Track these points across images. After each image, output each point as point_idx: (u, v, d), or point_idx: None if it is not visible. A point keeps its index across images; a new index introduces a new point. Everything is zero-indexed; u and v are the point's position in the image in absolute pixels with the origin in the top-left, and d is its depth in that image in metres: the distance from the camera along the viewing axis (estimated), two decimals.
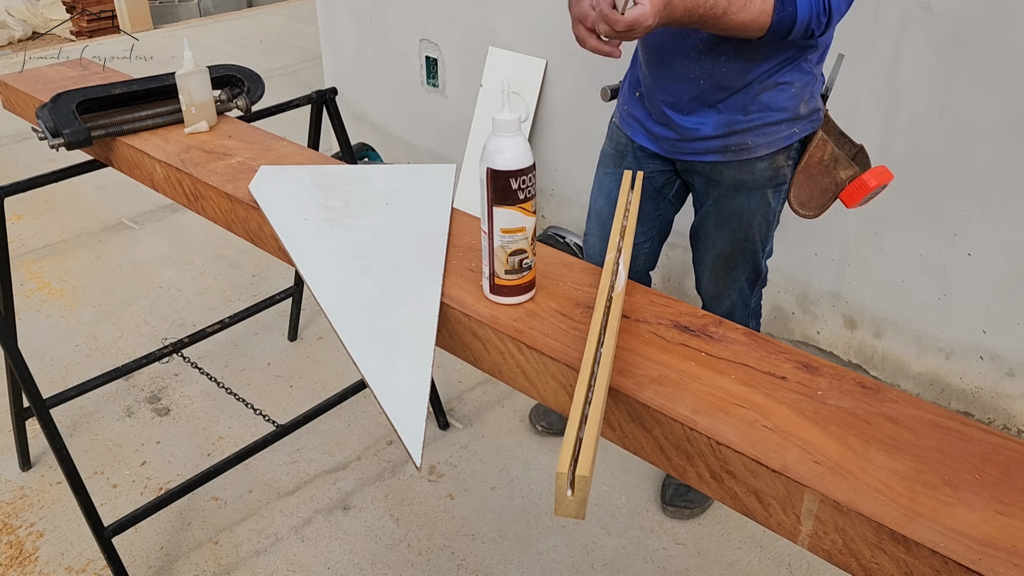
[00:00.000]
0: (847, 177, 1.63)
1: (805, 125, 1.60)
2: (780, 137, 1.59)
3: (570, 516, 0.79)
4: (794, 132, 1.59)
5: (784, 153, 1.62)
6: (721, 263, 1.80)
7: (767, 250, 1.81)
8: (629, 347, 1.02)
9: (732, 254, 1.77)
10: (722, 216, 1.72)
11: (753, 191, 1.66)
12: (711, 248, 1.79)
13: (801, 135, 1.61)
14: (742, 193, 1.67)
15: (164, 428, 2.42)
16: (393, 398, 1.00)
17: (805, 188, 1.66)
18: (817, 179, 1.65)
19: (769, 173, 1.63)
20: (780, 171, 1.63)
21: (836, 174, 1.63)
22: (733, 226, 1.72)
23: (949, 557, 0.74)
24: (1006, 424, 2.31)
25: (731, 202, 1.69)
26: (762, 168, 1.62)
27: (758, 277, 1.84)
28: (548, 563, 1.98)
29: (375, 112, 3.92)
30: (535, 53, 3.05)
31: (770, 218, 1.72)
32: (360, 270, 1.21)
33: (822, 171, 1.63)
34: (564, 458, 0.78)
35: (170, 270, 3.22)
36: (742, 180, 1.65)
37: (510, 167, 1.02)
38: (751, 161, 1.61)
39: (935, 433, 0.88)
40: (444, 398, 2.51)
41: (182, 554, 2.02)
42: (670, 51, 1.56)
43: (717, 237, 1.77)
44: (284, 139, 1.71)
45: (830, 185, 1.65)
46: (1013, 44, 1.96)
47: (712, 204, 1.72)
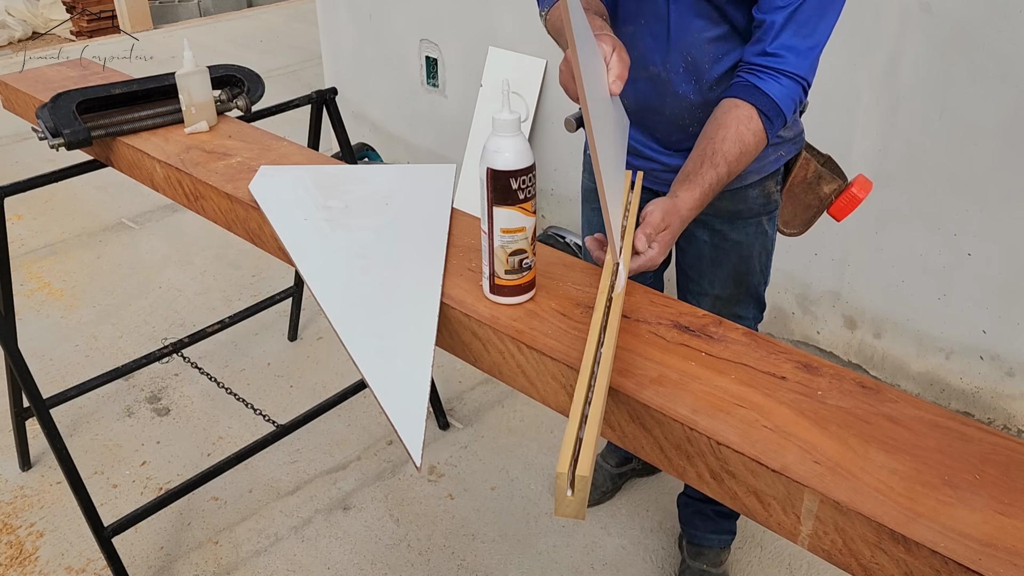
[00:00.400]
0: (831, 191, 1.59)
1: (790, 147, 1.54)
2: (768, 162, 1.51)
3: (570, 516, 0.79)
4: (780, 156, 1.54)
5: (772, 178, 1.55)
6: (722, 303, 1.65)
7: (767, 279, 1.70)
8: (629, 347, 1.02)
9: (735, 292, 1.64)
10: (720, 252, 1.60)
11: (749, 220, 1.57)
12: (709, 289, 1.65)
13: (787, 157, 1.55)
14: (738, 224, 1.57)
15: (164, 428, 2.42)
16: (393, 398, 1.00)
17: (788, 207, 1.62)
18: (800, 197, 1.60)
19: (762, 200, 1.55)
20: (771, 197, 1.57)
21: (819, 190, 1.59)
22: (733, 260, 1.61)
23: (949, 557, 0.74)
24: (1006, 424, 2.31)
25: (728, 235, 1.58)
26: (754, 196, 1.54)
27: (761, 312, 1.72)
28: (548, 563, 1.98)
29: (375, 112, 3.92)
30: (535, 53, 3.05)
31: (768, 247, 1.63)
32: (360, 270, 1.21)
33: (805, 188, 1.60)
34: (564, 458, 0.78)
35: (170, 270, 3.22)
36: (736, 210, 1.55)
37: (510, 167, 1.02)
38: (742, 190, 1.53)
39: (935, 433, 0.88)
40: (444, 398, 2.51)
41: (182, 554, 2.02)
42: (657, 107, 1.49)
43: (716, 276, 1.63)
44: (284, 139, 1.71)
45: (813, 201, 1.60)
46: (1013, 44, 1.96)
47: (706, 242, 1.60)
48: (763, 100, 1.26)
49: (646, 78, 1.44)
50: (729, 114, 1.27)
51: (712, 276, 1.64)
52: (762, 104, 1.26)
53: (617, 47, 1.15)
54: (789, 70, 1.26)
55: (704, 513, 1.89)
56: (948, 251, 2.24)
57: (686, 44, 1.36)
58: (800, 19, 1.24)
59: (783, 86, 1.27)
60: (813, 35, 1.26)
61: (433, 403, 2.39)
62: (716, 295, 1.65)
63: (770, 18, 1.25)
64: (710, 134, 1.27)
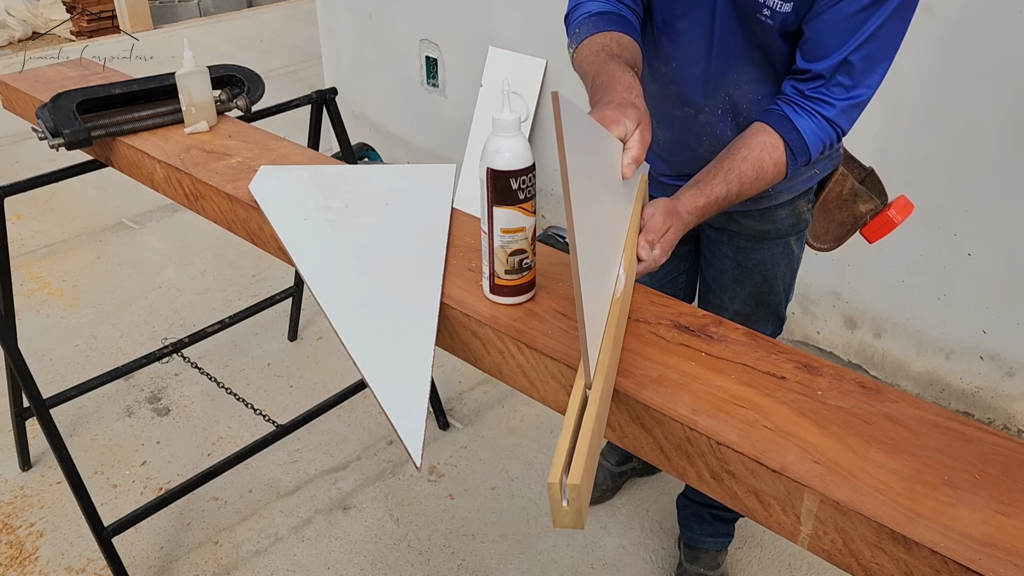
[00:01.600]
0: (867, 211, 1.54)
1: (825, 165, 1.49)
2: (800, 181, 1.47)
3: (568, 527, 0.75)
4: (815, 174, 1.48)
5: (804, 197, 1.50)
6: (741, 319, 1.61)
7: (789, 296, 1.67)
8: (629, 347, 1.02)
9: (755, 310, 1.62)
10: (743, 270, 1.57)
11: (776, 240, 1.53)
12: (730, 304, 1.62)
13: (822, 175, 1.50)
14: (764, 244, 1.53)
15: (164, 428, 2.42)
16: (393, 398, 1.00)
17: (821, 222, 1.57)
18: (834, 212, 1.55)
19: (791, 220, 1.51)
20: (802, 216, 1.52)
21: (855, 208, 1.54)
22: (756, 280, 1.57)
23: (949, 557, 0.74)
24: (1006, 424, 2.31)
25: (753, 254, 1.55)
26: (783, 216, 1.50)
27: (781, 327, 1.69)
28: (548, 563, 1.98)
29: (375, 112, 3.92)
30: (535, 53, 3.05)
31: (794, 266, 1.59)
32: (360, 270, 1.21)
33: (840, 205, 1.54)
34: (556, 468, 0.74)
35: (170, 270, 3.22)
36: (764, 231, 1.51)
37: (510, 167, 1.02)
38: (771, 210, 1.49)
39: (935, 433, 0.88)
40: (444, 398, 2.51)
41: (182, 554, 2.02)
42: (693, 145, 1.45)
43: (737, 292, 1.60)
44: (284, 139, 1.71)
45: (848, 218, 1.55)
46: (1013, 44, 1.96)
47: (730, 258, 1.57)
48: (793, 135, 1.23)
49: (683, 117, 1.40)
50: (756, 137, 1.24)
51: (733, 292, 1.61)
52: (791, 138, 1.23)
53: (642, 123, 1.07)
54: (827, 115, 1.23)
55: (701, 516, 1.89)
56: (948, 251, 2.24)
57: (726, 84, 1.33)
58: (846, 70, 1.19)
59: (816, 126, 1.23)
60: (857, 88, 1.21)
61: (433, 403, 2.39)
62: (736, 311, 1.62)
63: (816, 68, 1.21)
64: (732, 151, 1.24)
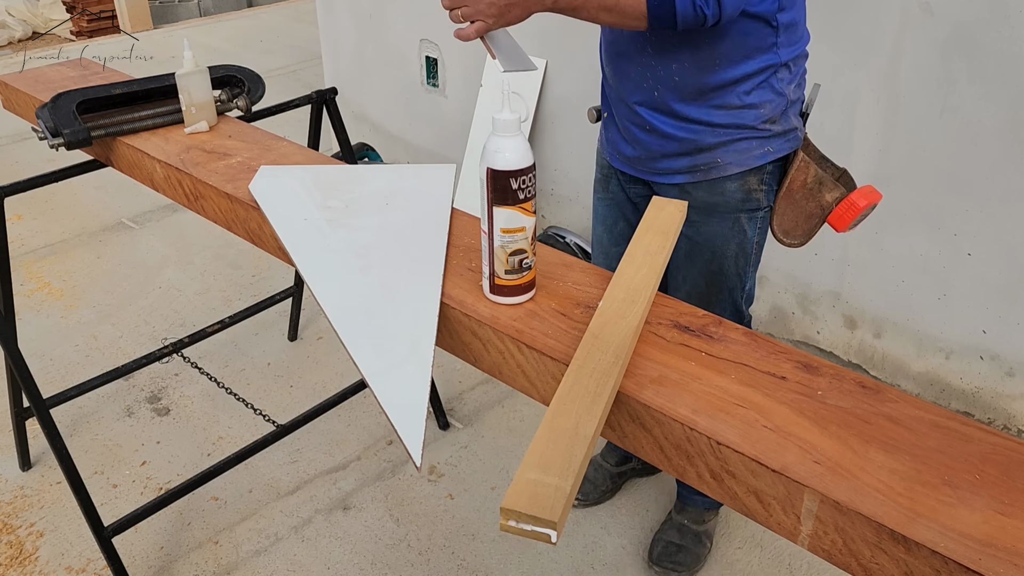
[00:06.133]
0: (833, 199, 1.54)
1: (781, 144, 1.51)
2: (752, 155, 1.49)
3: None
4: (768, 151, 1.50)
5: (756, 174, 1.52)
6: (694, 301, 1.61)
7: (747, 291, 1.68)
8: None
9: (707, 291, 1.63)
10: (694, 246, 1.60)
11: (725, 215, 1.55)
12: (682, 284, 1.65)
13: (777, 155, 1.51)
14: (714, 218, 1.56)
15: (164, 428, 2.42)
16: (393, 398, 1.00)
17: (789, 215, 1.57)
18: (801, 204, 1.55)
19: (741, 195, 1.53)
20: (752, 194, 1.54)
21: (821, 197, 1.54)
22: (706, 257, 1.60)
23: (949, 557, 0.74)
24: (1006, 424, 2.31)
25: (703, 228, 1.57)
26: (732, 189, 1.52)
27: (741, 322, 1.68)
28: (548, 563, 1.98)
29: (375, 112, 3.92)
30: (535, 53, 3.05)
31: (747, 249, 1.60)
32: (360, 270, 1.21)
33: (806, 195, 1.54)
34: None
35: (170, 270, 3.22)
36: (713, 203, 1.54)
37: (510, 167, 1.02)
38: (720, 181, 1.51)
39: (935, 433, 0.88)
40: (444, 398, 2.51)
41: (182, 554, 2.02)
42: (623, 56, 1.50)
43: (689, 271, 1.63)
44: (284, 139, 1.71)
45: (815, 209, 1.55)
46: (1013, 44, 1.96)
47: (684, 234, 1.57)
48: None
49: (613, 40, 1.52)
50: None
51: (686, 271, 1.63)
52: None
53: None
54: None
55: None
56: (948, 251, 2.24)
57: None
58: None
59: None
60: None
61: (433, 403, 2.39)
62: (688, 291, 1.64)
63: None
64: None
